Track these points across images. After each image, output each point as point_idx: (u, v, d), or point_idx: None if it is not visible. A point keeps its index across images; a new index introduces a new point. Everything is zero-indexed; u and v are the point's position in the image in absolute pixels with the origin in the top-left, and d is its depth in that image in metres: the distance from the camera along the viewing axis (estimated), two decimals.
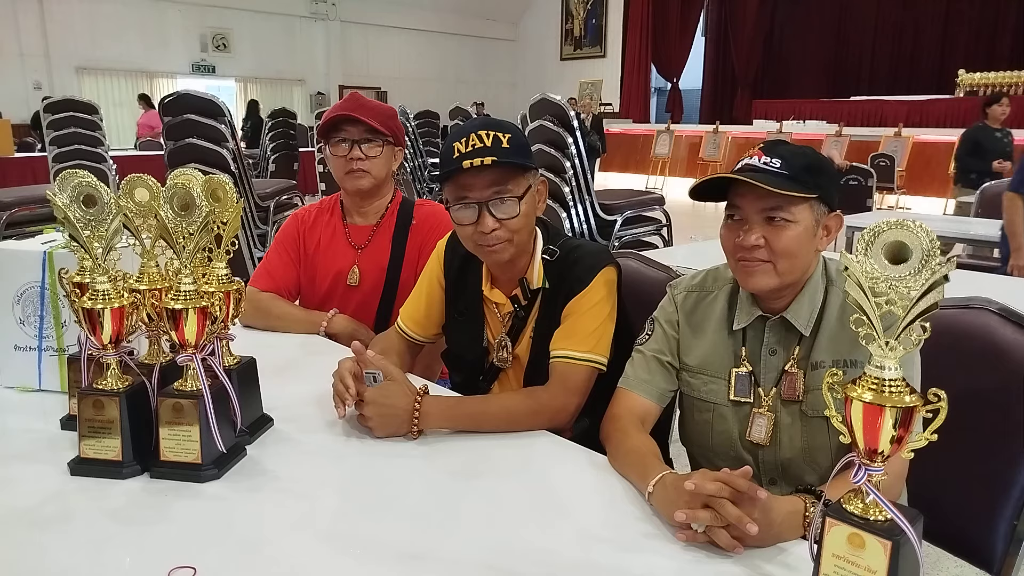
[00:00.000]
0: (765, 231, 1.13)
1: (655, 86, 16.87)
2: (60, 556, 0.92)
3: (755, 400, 1.22)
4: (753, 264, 1.15)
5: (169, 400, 1.11)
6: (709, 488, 0.92)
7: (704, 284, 1.32)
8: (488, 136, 1.29)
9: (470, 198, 1.33)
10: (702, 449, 1.31)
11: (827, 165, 1.18)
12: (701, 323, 1.29)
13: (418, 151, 9.02)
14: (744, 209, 1.15)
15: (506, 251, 1.37)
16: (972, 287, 1.34)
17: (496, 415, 1.31)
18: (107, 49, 12.79)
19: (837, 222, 1.18)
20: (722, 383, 1.24)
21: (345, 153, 1.85)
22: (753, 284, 1.17)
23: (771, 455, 1.21)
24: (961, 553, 1.26)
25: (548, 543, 0.97)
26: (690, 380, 1.29)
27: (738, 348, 1.24)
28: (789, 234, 1.12)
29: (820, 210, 1.15)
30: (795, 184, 1.11)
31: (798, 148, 1.17)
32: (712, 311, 1.28)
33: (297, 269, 1.97)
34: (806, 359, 1.18)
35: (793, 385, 1.18)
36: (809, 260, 1.17)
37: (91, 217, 1.12)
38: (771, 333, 1.21)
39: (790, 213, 1.12)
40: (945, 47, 13.93)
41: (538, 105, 4.84)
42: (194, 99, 4.38)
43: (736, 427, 1.24)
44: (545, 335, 1.41)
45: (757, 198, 1.13)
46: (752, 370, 1.22)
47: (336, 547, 0.95)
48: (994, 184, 4.62)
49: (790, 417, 1.19)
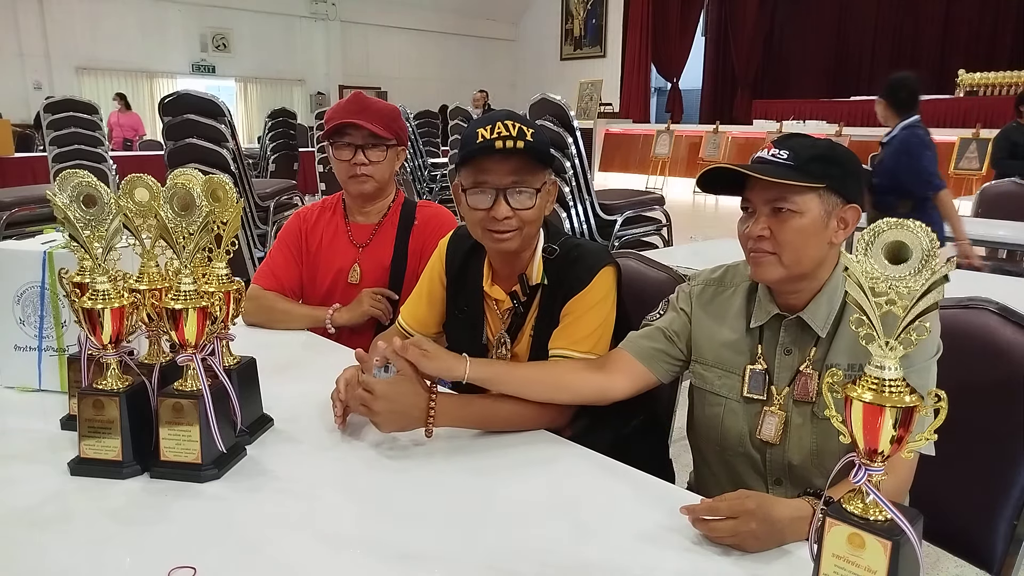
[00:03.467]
0: (771, 222, 1.14)
1: (655, 86, 16.86)
2: (60, 556, 0.92)
3: (767, 398, 1.21)
4: (760, 255, 1.16)
5: (169, 400, 1.11)
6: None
7: (723, 279, 1.32)
8: (514, 127, 1.30)
9: (489, 183, 1.33)
10: (710, 443, 1.30)
11: (842, 156, 1.17)
12: (718, 317, 1.29)
13: (418, 151, 9.02)
14: (753, 201, 1.17)
15: (514, 240, 1.37)
16: (972, 287, 1.34)
17: (506, 416, 1.30)
18: (107, 49, 12.79)
19: (854, 214, 1.16)
20: (735, 378, 1.24)
21: (349, 157, 1.85)
22: (760, 274, 1.18)
23: (779, 455, 1.21)
24: (961, 553, 1.26)
25: (547, 543, 0.97)
26: (703, 373, 1.29)
27: (754, 345, 1.24)
28: (794, 225, 1.12)
29: (832, 201, 1.14)
30: (798, 174, 1.11)
31: (811, 140, 1.17)
32: (730, 306, 1.29)
33: (299, 267, 1.97)
34: (822, 361, 1.17)
35: (806, 386, 1.18)
36: (821, 253, 1.16)
37: (91, 217, 1.12)
38: (787, 332, 1.21)
39: (795, 203, 1.12)
40: (945, 47, 13.92)
41: (538, 105, 4.84)
42: (194, 99, 4.38)
43: (746, 424, 1.23)
44: (544, 333, 1.41)
45: (763, 189, 1.14)
46: (767, 368, 1.22)
47: (336, 547, 0.95)
48: (994, 184, 4.61)
49: (801, 418, 1.19)
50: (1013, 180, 4.55)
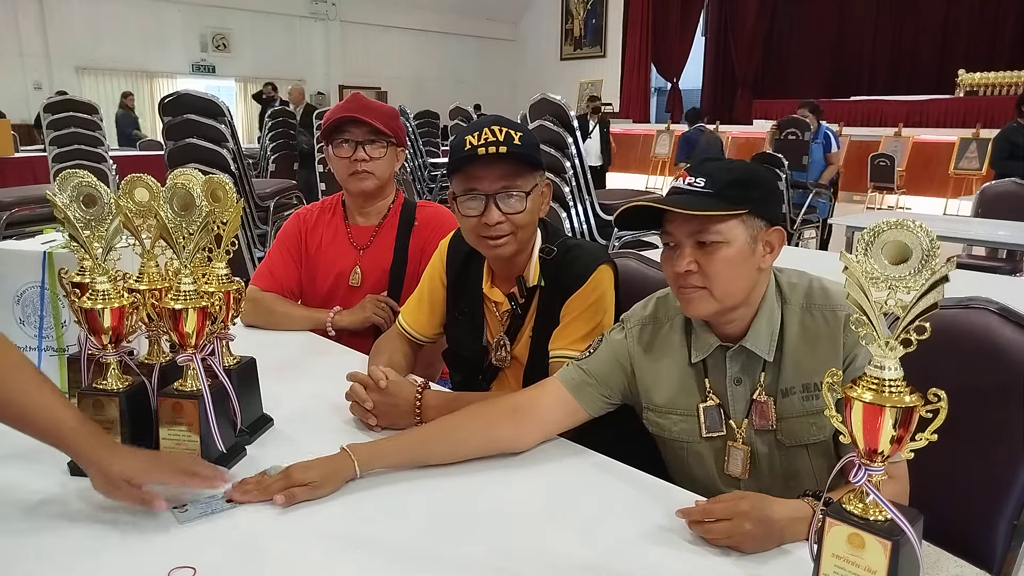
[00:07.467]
0: (697, 255, 1.08)
1: (655, 86, 16.86)
2: (60, 556, 0.92)
3: (728, 432, 1.17)
4: (689, 291, 1.10)
5: (169, 400, 1.11)
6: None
7: (656, 315, 1.25)
8: (501, 132, 1.31)
9: (478, 190, 1.34)
10: (683, 482, 1.29)
11: (760, 177, 1.12)
12: (660, 357, 1.22)
13: (418, 151, 9.02)
14: (675, 235, 1.10)
15: (508, 246, 1.38)
16: (972, 287, 1.34)
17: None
18: (107, 49, 12.78)
19: (779, 237, 1.11)
20: (692, 420, 1.19)
21: (349, 154, 1.85)
22: (693, 311, 1.12)
23: (753, 486, 1.16)
24: (961, 553, 1.26)
25: (547, 543, 0.97)
26: (658, 420, 1.22)
27: (701, 380, 1.18)
28: (721, 256, 1.06)
29: (756, 225, 1.08)
30: (718, 201, 1.05)
31: (726, 163, 1.12)
32: (669, 343, 1.22)
33: (299, 268, 1.97)
34: (774, 385, 1.14)
35: (765, 414, 1.14)
36: (751, 281, 1.10)
37: (91, 217, 1.12)
38: (733, 363, 1.16)
39: (719, 233, 1.06)
40: (945, 47, 13.91)
41: (538, 105, 4.84)
42: (194, 99, 4.38)
43: (713, 463, 1.19)
44: (543, 335, 1.42)
45: (684, 222, 1.08)
46: (719, 402, 1.17)
47: (336, 547, 0.95)
48: (995, 184, 4.61)
49: (766, 447, 1.15)
50: (1013, 180, 4.54)
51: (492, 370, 1.51)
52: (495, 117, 1.39)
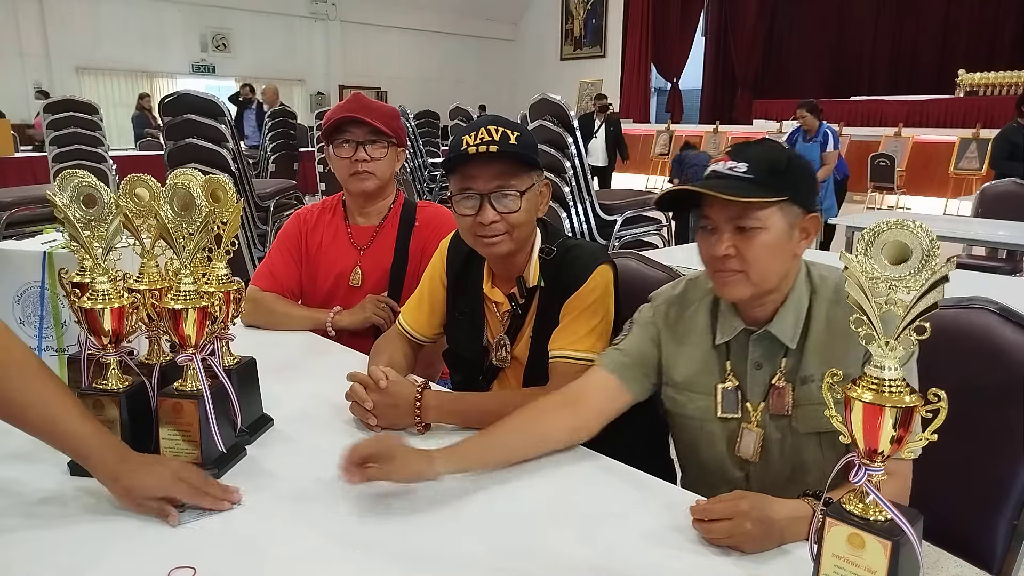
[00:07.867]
0: (736, 240, 1.09)
1: (655, 86, 16.86)
2: (60, 556, 0.92)
3: (743, 415, 1.19)
4: (727, 274, 1.11)
5: (169, 400, 1.11)
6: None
7: (685, 295, 1.27)
8: (497, 131, 1.31)
9: (474, 189, 1.34)
10: (691, 465, 1.30)
11: (798, 164, 1.13)
12: (685, 336, 1.24)
13: (418, 151, 9.02)
14: (714, 219, 1.11)
15: (504, 245, 1.38)
16: (972, 287, 1.34)
17: (494, 412, 1.30)
18: (107, 49, 12.79)
19: (814, 223, 1.13)
20: (709, 399, 1.20)
21: (349, 155, 1.85)
22: (728, 294, 1.14)
23: (761, 470, 1.18)
24: (961, 553, 1.26)
25: (547, 543, 0.97)
26: (676, 397, 1.25)
27: (722, 362, 1.20)
28: (760, 241, 1.08)
29: (793, 212, 1.10)
30: (760, 189, 1.06)
31: (767, 149, 1.13)
32: (695, 324, 1.24)
33: (299, 269, 1.97)
34: (794, 372, 1.15)
35: (782, 400, 1.15)
36: (786, 266, 1.13)
37: (91, 217, 1.12)
38: (755, 347, 1.17)
39: (758, 220, 1.07)
40: (945, 47, 13.91)
41: (538, 105, 4.84)
42: (194, 99, 4.38)
43: (725, 443, 1.21)
44: (543, 335, 1.42)
45: (724, 207, 1.09)
46: (738, 384, 1.18)
47: (336, 547, 0.95)
48: (995, 184, 4.61)
49: (780, 432, 1.16)
50: (1013, 180, 4.54)
51: (492, 370, 1.51)
52: (493, 117, 1.39)
